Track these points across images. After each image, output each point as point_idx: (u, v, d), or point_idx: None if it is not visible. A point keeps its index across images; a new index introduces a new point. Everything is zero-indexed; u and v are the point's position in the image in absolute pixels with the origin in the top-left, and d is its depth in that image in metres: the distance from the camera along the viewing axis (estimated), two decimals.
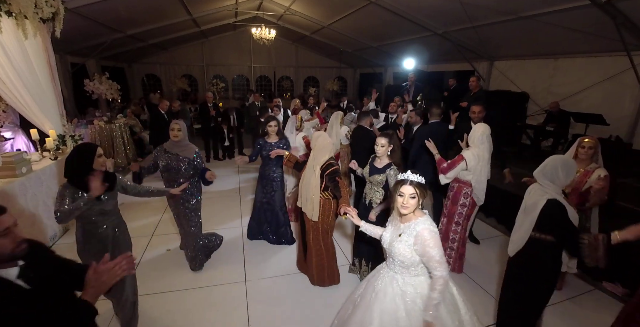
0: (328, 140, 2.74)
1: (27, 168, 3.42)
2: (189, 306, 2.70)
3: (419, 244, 1.68)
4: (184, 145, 2.93)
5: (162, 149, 2.94)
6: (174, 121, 2.93)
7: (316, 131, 3.26)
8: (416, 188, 1.68)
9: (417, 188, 1.68)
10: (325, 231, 2.83)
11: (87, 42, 7.18)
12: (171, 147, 2.92)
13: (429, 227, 1.68)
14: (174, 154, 2.89)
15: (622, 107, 5.13)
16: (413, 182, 1.69)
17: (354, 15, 7.41)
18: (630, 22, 4.10)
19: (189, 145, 2.97)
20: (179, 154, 2.89)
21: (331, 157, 2.73)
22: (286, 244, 3.73)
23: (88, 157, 2.02)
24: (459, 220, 3.09)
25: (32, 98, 3.71)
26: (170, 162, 2.87)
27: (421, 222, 1.70)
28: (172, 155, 2.89)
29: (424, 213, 1.77)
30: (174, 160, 2.87)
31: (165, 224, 4.17)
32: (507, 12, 4.93)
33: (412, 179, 1.70)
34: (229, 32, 12.09)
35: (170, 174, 2.91)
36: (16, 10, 3.22)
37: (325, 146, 2.69)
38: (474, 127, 3.02)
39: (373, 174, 2.74)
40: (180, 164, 2.87)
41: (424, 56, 8.44)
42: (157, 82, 12.42)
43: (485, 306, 2.73)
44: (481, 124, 3.04)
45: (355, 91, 14.24)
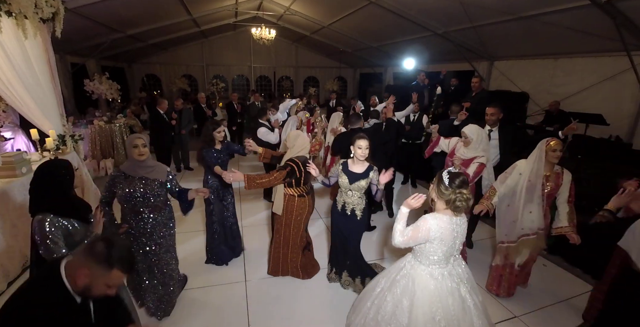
0: (306, 141, 2.93)
1: (27, 168, 3.42)
2: (189, 306, 2.70)
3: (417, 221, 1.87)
4: (151, 166, 2.32)
5: (121, 173, 2.25)
6: (136, 135, 2.31)
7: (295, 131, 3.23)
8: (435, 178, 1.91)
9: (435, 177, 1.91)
10: (288, 225, 2.93)
11: (87, 42, 7.19)
12: (134, 168, 2.25)
13: (430, 221, 1.79)
14: (140, 177, 2.25)
15: (622, 107, 5.13)
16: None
17: (354, 15, 7.41)
18: (630, 22, 4.10)
19: (158, 164, 2.40)
20: (147, 177, 2.27)
21: (293, 158, 2.81)
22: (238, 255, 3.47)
23: (67, 174, 1.74)
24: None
25: (32, 98, 3.71)
26: (135, 189, 2.21)
27: (433, 215, 1.83)
28: (136, 179, 2.24)
29: (445, 211, 1.84)
30: (140, 186, 2.23)
31: None
32: (507, 12, 4.93)
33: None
34: (229, 32, 12.09)
35: (134, 204, 2.24)
36: (16, 10, 3.22)
37: (301, 145, 2.87)
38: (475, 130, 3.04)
39: (354, 181, 2.59)
40: (149, 190, 2.25)
41: (424, 56, 8.44)
42: (157, 82, 12.43)
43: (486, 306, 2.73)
44: (474, 126, 3.07)
45: (355, 91, 14.24)
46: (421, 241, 1.81)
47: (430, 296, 1.82)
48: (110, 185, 2.25)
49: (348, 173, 2.63)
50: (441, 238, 1.77)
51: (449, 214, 1.80)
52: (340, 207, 2.74)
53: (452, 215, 1.80)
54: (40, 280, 1.20)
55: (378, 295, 2.08)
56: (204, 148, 3.08)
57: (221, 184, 3.15)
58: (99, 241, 1.18)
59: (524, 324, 2.59)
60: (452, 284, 1.85)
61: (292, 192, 2.84)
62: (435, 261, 1.85)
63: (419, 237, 1.80)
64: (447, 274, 1.86)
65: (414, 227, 1.83)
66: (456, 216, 1.81)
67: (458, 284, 1.87)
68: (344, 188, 2.67)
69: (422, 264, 1.89)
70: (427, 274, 1.87)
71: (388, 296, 1.97)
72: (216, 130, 3.06)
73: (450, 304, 1.81)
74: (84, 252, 1.17)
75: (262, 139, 4.49)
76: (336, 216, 2.80)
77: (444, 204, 1.81)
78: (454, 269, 1.90)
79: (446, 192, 1.76)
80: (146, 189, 2.25)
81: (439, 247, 1.80)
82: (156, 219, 2.36)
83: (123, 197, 2.22)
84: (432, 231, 1.77)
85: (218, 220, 3.22)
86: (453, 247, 1.83)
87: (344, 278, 2.96)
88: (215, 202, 3.16)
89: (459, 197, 1.74)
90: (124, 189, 2.20)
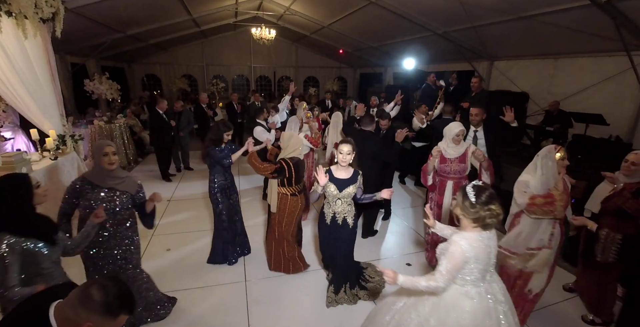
0: (299, 142, 3.00)
1: (27, 168, 3.42)
2: (189, 306, 2.70)
3: (443, 250, 1.68)
4: (122, 177, 2.16)
5: (86, 182, 2.05)
6: (105, 142, 2.12)
7: (289, 132, 3.26)
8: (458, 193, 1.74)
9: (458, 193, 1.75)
10: (280, 222, 3.01)
11: (87, 42, 7.18)
12: (102, 178, 2.07)
13: (462, 243, 1.60)
14: (109, 188, 2.08)
15: (622, 107, 5.13)
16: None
17: (354, 15, 7.41)
18: (630, 22, 4.10)
19: (128, 176, 2.25)
20: (116, 189, 2.10)
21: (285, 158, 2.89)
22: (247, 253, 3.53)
23: (23, 190, 1.58)
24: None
25: (32, 98, 3.71)
26: (101, 201, 2.04)
27: (461, 235, 1.64)
28: (104, 190, 2.06)
29: (473, 229, 1.64)
30: (107, 199, 2.06)
31: (165, 224, 4.17)
32: (507, 12, 4.93)
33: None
34: (229, 32, 12.08)
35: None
36: (16, 10, 3.22)
37: (293, 146, 2.93)
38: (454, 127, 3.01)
39: (344, 189, 2.45)
40: (117, 203, 2.09)
41: (424, 56, 8.44)
42: (157, 82, 12.43)
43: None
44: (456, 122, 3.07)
45: (355, 91, 14.24)
46: (462, 265, 1.60)
47: (464, 318, 1.63)
48: (72, 195, 2.04)
49: (335, 181, 2.46)
50: (476, 258, 1.59)
51: (477, 231, 1.63)
52: (330, 219, 2.55)
53: (480, 231, 1.63)
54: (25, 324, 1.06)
55: (400, 310, 1.90)
56: (209, 147, 3.08)
57: (227, 182, 3.22)
58: (93, 288, 1.05)
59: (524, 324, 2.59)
60: (489, 303, 1.66)
61: (285, 191, 2.96)
62: (471, 280, 1.66)
63: (459, 263, 1.59)
64: (483, 292, 1.68)
65: (448, 257, 1.61)
66: (484, 231, 1.64)
67: (495, 303, 1.68)
68: (331, 198, 2.49)
69: (456, 284, 1.68)
70: (462, 294, 1.67)
71: (412, 313, 1.78)
72: (227, 132, 3.10)
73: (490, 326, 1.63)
74: (81, 304, 1.05)
75: (257, 139, 4.48)
76: (326, 229, 2.60)
77: (471, 221, 1.62)
78: (490, 286, 1.71)
79: (473, 209, 1.58)
80: (114, 201, 2.08)
81: (475, 267, 1.62)
82: (121, 232, 2.19)
83: (85, 209, 2.02)
84: (467, 252, 1.58)
85: (228, 219, 3.26)
86: (489, 263, 1.66)
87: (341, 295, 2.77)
88: (224, 200, 3.20)
89: (488, 214, 1.56)
90: (89, 201, 2.01)
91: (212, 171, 3.19)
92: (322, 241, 2.74)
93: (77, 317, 1.04)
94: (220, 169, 3.16)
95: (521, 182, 2.34)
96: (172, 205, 4.80)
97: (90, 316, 1.04)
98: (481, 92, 5.30)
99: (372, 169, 3.69)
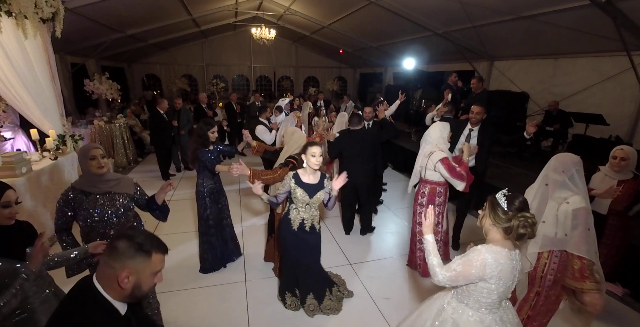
0: (303, 137, 3.02)
1: (27, 168, 3.42)
2: (188, 306, 2.70)
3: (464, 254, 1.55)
4: (115, 178, 1.99)
5: (78, 191, 1.87)
6: (92, 145, 1.95)
7: (292, 128, 3.28)
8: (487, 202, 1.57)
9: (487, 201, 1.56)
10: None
11: (87, 42, 7.18)
12: (94, 184, 1.90)
13: (486, 255, 1.43)
14: (104, 193, 1.92)
15: (622, 107, 5.13)
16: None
17: (354, 15, 7.41)
18: (630, 22, 4.10)
19: (122, 177, 2.07)
20: (113, 192, 1.94)
21: (292, 155, 2.88)
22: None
23: None
24: (439, 220, 3.06)
25: (32, 98, 3.71)
26: (102, 207, 1.89)
27: (488, 247, 1.46)
28: (99, 197, 1.90)
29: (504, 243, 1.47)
30: (107, 203, 1.91)
31: (165, 224, 4.15)
32: (507, 12, 4.93)
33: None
34: (229, 32, 12.09)
35: (97, 227, 1.90)
36: (16, 10, 3.22)
37: (297, 141, 2.94)
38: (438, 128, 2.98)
39: (314, 194, 2.35)
40: (118, 206, 1.94)
41: (424, 56, 8.44)
42: (157, 82, 12.43)
43: None
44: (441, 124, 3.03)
45: (355, 91, 14.24)
46: (474, 279, 1.42)
47: None
48: (65, 207, 1.87)
49: (304, 186, 2.34)
50: (499, 277, 1.39)
51: (508, 247, 1.44)
52: (298, 226, 2.42)
53: (511, 248, 1.45)
54: (79, 300, 1.05)
55: None
56: (198, 149, 2.94)
57: (216, 186, 3.09)
58: (117, 240, 1.05)
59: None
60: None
61: None
62: (487, 304, 1.47)
63: (472, 274, 1.41)
64: (498, 320, 1.49)
65: (464, 260, 1.46)
66: (515, 248, 1.47)
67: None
68: (301, 203, 2.37)
69: (468, 307, 1.51)
70: (476, 321, 1.49)
71: None
72: (210, 130, 2.97)
73: None
74: (110, 258, 1.04)
75: (258, 137, 4.50)
76: (292, 236, 2.44)
77: (501, 232, 1.44)
78: (505, 314, 1.53)
79: (504, 216, 1.41)
80: (114, 205, 1.93)
81: (496, 289, 1.42)
82: None
83: (86, 220, 1.87)
84: (489, 266, 1.39)
85: (215, 224, 3.12)
86: (510, 287, 1.47)
87: (309, 301, 2.63)
88: (212, 205, 3.07)
89: (522, 222, 1.39)
90: (87, 210, 1.86)
91: (200, 174, 3.04)
92: (288, 248, 2.53)
93: (114, 271, 1.02)
94: (209, 173, 3.03)
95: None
96: (172, 205, 4.76)
97: (124, 264, 1.02)
98: (482, 92, 5.29)
99: (367, 173, 3.77)
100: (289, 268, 2.63)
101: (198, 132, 2.98)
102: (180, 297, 2.81)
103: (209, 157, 2.94)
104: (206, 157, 2.93)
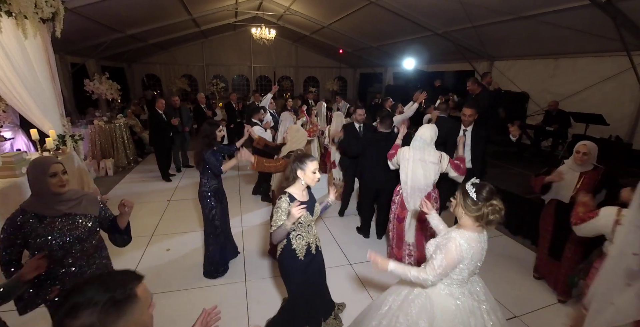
0: (305, 136, 3.14)
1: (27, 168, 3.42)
2: (188, 306, 2.71)
3: (440, 245, 1.64)
4: (76, 197, 1.69)
5: (30, 215, 1.58)
6: (50, 159, 1.65)
7: (296, 125, 3.35)
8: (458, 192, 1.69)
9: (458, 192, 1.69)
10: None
11: (87, 42, 7.19)
12: (51, 205, 1.60)
13: (461, 242, 1.57)
14: (63, 215, 1.62)
15: (622, 107, 5.13)
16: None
17: (354, 15, 7.42)
18: (630, 22, 4.10)
19: (85, 194, 1.75)
20: (74, 213, 1.65)
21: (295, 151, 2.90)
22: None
23: None
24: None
25: (32, 98, 3.71)
26: (60, 233, 1.59)
27: (462, 234, 1.60)
28: (58, 220, 1.60)
29: (475, 229, 1.62)
30: (66, 228, 1.61)
31: (166, 224, 4.16)
32: (507, 12, 4.93)
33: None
34: (229, 32, 12.10)
35: (55, 254, 1.59)
36: (16, 10, 3.22)
37: (300, 138, 3.05)
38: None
39: (314, 209, 2.10)
40: (81, 231, 1.64)
41: (424, 56, 8.45)
42: (157, 82, 12.43)
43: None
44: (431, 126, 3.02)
45: (355, 91, 14.25)
46: (457, 263, 1.58)
47: (452, 318, 1.64)
48: (12, 235, 1.56)
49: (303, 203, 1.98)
50: (471, 258, 1.58)
51: (477, 231, 1.61)
52: (305, 253, 2.07)
53: (480, 232, 1.62)
54: None
55: (386, 314, 1.86)
56: (206, 151, 2.89)
57: (219, 186, 3.09)
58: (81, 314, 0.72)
59: (524, 324, 2.59)
60: (473, 303, 1.69)
61: None
62: (458, 280, 1.65)
63: (455, 261, 1.57)
64: (467, 292, 1.70)
65: (445, 253, 1.58)
66: (483, 231, 1.64)
67: (479, 302, 1.71)
68: (305, 226, 2.04)
69: (441, 283, 1.69)
70: (447, 294, 1.68)
71: (400, 317, 1.76)
72: (218, 129, 2.97)
73: (472, 325, 1.65)
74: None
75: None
76: (301, 266, 2.08)
77: (473, 220, 1.60)
78: (472, 287, 1.74)
79: (475, 206, 1.56)
80: (75, 229, 1.62)
81: (466, 268, 1.60)
82: (90, 266, 1.73)
83: (41, 248, 1.55)
84: (465, 251, 1.56)
85: (220, 224, 3.11)
86: (478, 266, 1.65)
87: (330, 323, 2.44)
88: (217, 205, 3.06)
89: (491, 210, 1.54)
90: (42, 237, 1.55)
91: (205, 174, 3.00)
92: (297, 284, 2.14)
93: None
94: (213, 173, 3.01)
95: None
96: (172, 205, 4.80)
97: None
98: (481, 93, 5.27)
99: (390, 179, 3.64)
100: (301, 306, 2.25)
101: (205, 133, 2.93)
102: (180, 297, 2.81)
103: (214, 160, 2.89)
104: (211, 160, 2.89)
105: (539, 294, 2.94)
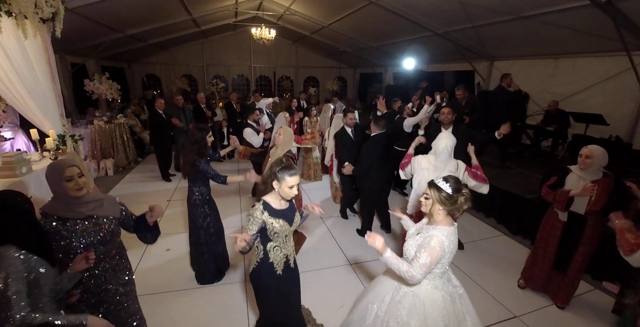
0: (292, 136, 3.19)
1: (27, 168, 3.41)
2: (188, 306, 2.71)
3: (422, 244, 1.67)
4: (97, 199, 1.68)
5: (52, 218, 1.56)
6: (66, 163, 1.61)
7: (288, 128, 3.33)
8: (430, 190, 1.72)
9: (430, 189, 1.72)
10: None
11: (87, 42, 7.19)
12: (72, 208, 1.59)
13: (443, 238, 1.63)
14: (84, 218, 1.61)
15: (622, 107, 5.13)
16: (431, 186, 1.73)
17: (354, 15, 7.42)
18: (630, 22, 4.11)
19: (104, 197, 1.75)
20: (98, 216, 1.65)
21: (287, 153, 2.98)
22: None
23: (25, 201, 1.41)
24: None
25: (32, 98, 3.71)
26: (84, 235, 1.59)
27: (441, 230, 1.66)
28: (79, 223, 1.59)
29: (447, 222, 1.71)
30: (90, 230, 1.61)
31: (166, 224, 4.16)
32: (507, 12, 4.93)
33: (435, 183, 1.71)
34: (229, 32, 12.10)
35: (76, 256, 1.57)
36: (16, 10, 3.21)
37: (289, 141, 3.11)
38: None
39: (293, 218, 1.94)
40: (104, 232, 1.64)
41: (424, 56, 8.45)
42: (157, 82, 12.43)
43: (484, 306, 2.74)
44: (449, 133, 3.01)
45: (355, 91, 14.25)
46: (441, 259, 1.64)
47: (441, 309, 1.71)
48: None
49: (280, 214, 1.86)
50: (451, 251, 1.67)
51: (450, 224, 1.70)
52: (283, 266, 1.93)
53: (451, 223, 1.71)
54: None
55: (374, 324, 1.85)
56: (200, 161, 2.73)
57: (209, 192, 2.97)
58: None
59: (524, 324, 2.59)
60: (452, 289, 1.80)
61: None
62: (439, 273, 1.73)
63: (439, 256, 1.63)
64: (447, 281, 1.81)
65: (429, 250, 1.62)
66: (454, 223, 1.73)
67: (454, 288, 1.83)
68: (282, 238, 1.90)
69: (425, 279, 1.73)
70: (432, 287, 1.75)
71: (391, 321, 1.76)
72: (208, 134, 2.82)
73: (458, 309, 1.76)
74: None
75: (245, 139, 4.40)
76: (278, 281, 1.93)
77: (445, 213, 1.69)
78: (448, 275, 1.86)
79: (451, 200, 1.64)
80: (101, 230, 1.63)
81: (446, 260, 1.69)
82: (114, 268, 1.75)
83: (65, 251, 1.56)
84: (447, 246, 1.63)
85: (215, 232, 3.01)
86: (452, 256, 1.73)
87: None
88: (211, 212, 2.97)
89: (464, 198, 1.65)
90: (65, 239, 1.55)
91: (196, 183, 2.83)
92: (271, 298, 1.98)
93: None
94: (205, 179, 2.85)
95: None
96: (172, 205, 4.80)
97: None
98: (470, 99, 5.24)
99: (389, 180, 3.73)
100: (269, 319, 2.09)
101: (194, 139, 2.74)
102: (180, 298, 2.81)
103: (213, 170, 2.76)
104: (210, 169, 2.76)
105: (538, 294, 2.95)
